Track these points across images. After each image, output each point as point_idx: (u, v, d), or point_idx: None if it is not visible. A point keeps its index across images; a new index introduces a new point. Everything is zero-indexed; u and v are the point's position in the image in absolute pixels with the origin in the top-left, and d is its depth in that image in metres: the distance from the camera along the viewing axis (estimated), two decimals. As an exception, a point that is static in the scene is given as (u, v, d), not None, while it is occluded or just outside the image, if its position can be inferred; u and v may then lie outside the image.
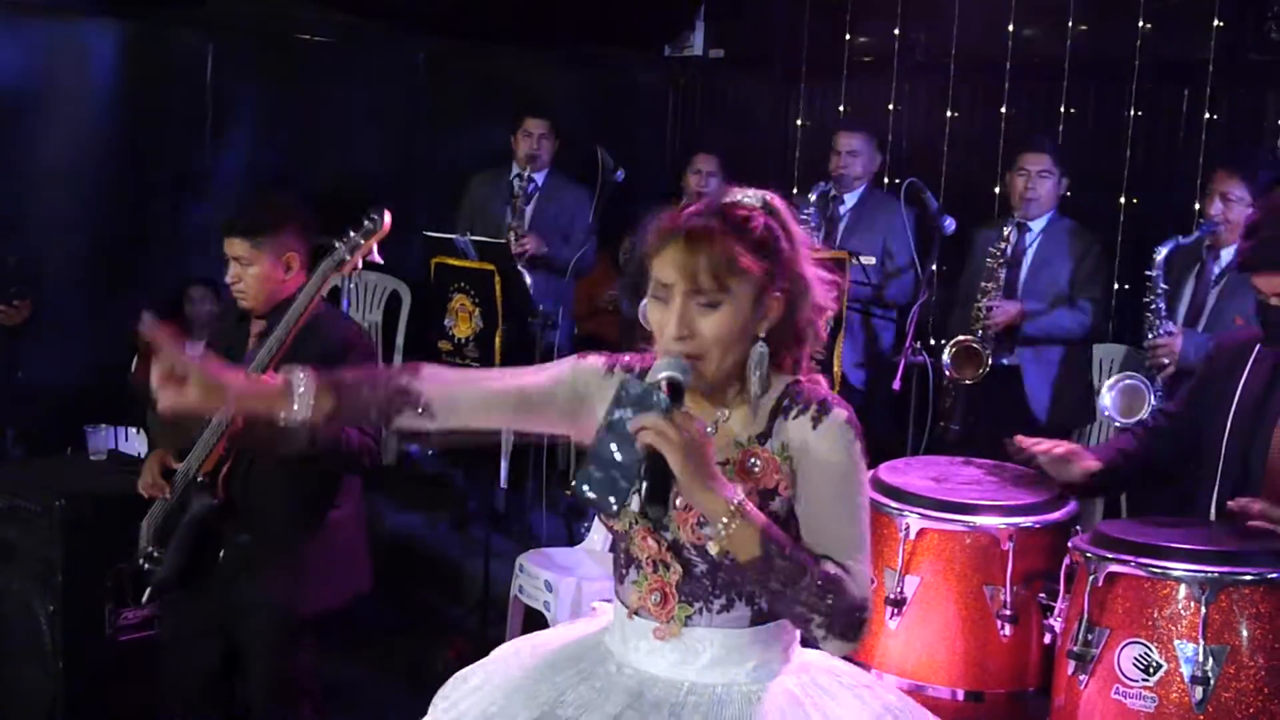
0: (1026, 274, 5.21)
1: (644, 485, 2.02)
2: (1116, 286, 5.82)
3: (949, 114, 6.65)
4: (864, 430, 2.23)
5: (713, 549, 2.09)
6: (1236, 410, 3.32)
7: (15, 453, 4.78)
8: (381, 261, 3.53)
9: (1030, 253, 5.22)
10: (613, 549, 2.39)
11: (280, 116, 6.71)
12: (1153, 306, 4.65)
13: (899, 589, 3.49)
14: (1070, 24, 6.22)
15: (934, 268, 5.22)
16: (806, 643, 2.30)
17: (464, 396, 2.33)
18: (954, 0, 6.55)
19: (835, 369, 4.76)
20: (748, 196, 2.25)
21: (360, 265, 3.49)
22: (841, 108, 7.12)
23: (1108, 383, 4.65)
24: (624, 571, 2.34)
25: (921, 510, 3.50)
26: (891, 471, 3.75)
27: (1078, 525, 3.54)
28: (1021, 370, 5.17)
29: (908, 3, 6.80)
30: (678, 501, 2.15)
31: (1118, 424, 4.60)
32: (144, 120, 6.16)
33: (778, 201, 2.27)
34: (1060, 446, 3.56)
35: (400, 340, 6.97)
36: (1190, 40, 5.88)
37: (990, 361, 4.99)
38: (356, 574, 3.85)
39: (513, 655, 2.45)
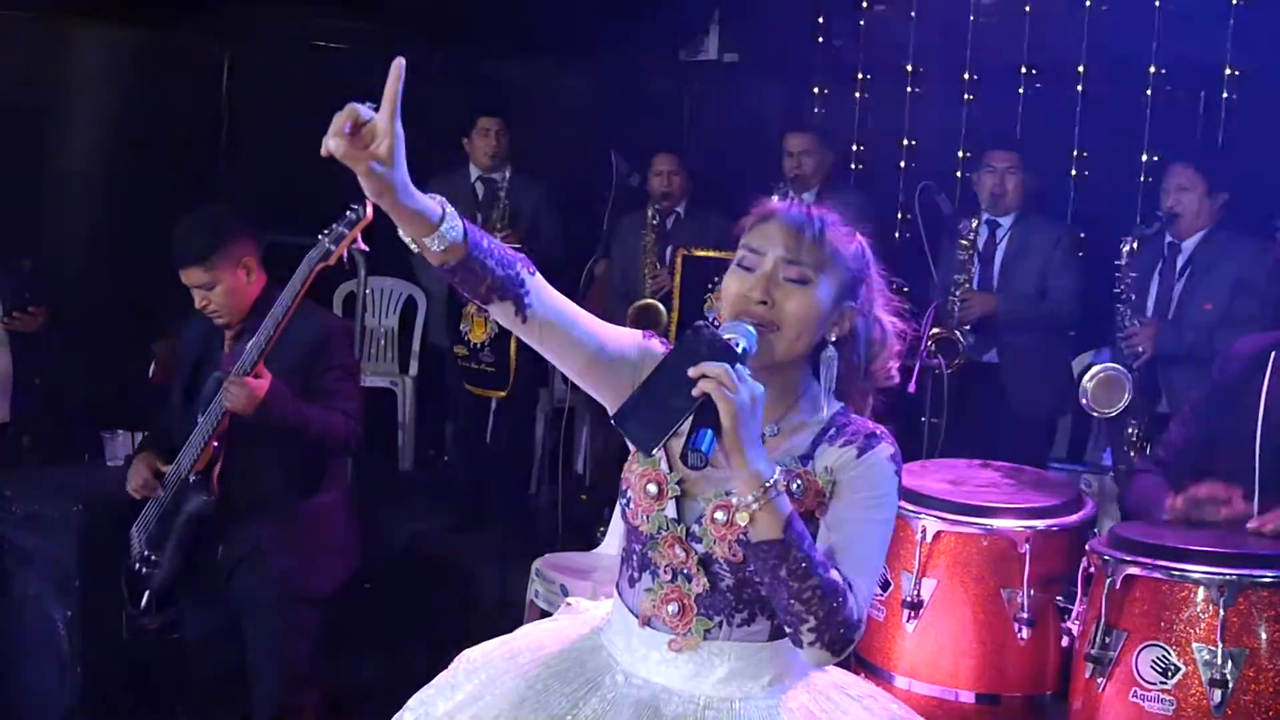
0: (1000, 270, 5.32)
1: (691, 429, 1.95)
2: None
3: (964, 116, 6.64)
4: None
5: (741, 518, 2.01)
6: (1266, 417, 3.28)
7: (33, 459, 4.79)
8: (366, 249, 3.55)
9: (1001, 248, 5.33)
10: (625, 550, 2.32)
11: (295, 124, 6.70)
12: (1124, 297, 4.78)
13: (915, 592, 3.49)
14: (1085, 26, 6.20)
15: (949, 271, 5.22)
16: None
17: (560, 318, 2.16)
18: (966, 4, 6.54)
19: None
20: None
21: (345, 255, 3.52)
22: (857, 111, 7.10)
23: (1087, 374, 4.72)
24: (636, 575, 2.28)
25: (938, 513, 3.50)
26: (908, 474, 3.73)
27: (1095, 528, 3.54)
28: (1000, 364, 5.30)
29: (923, 7, 6.79)
30: (715, 515, 2.14)
31: (1096, 414, 4.69)
32: (160, 128, 6.17)
33: (866, 241, 2.29)
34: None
35: (416, 346, 6.99)
36: (1205, 42, 5.88)
37: (966, 352, 5.08)
38: (348, 556, 3.91)
39: (507, 660, 2.35)
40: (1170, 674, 2.96)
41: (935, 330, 5.04)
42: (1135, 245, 4.80)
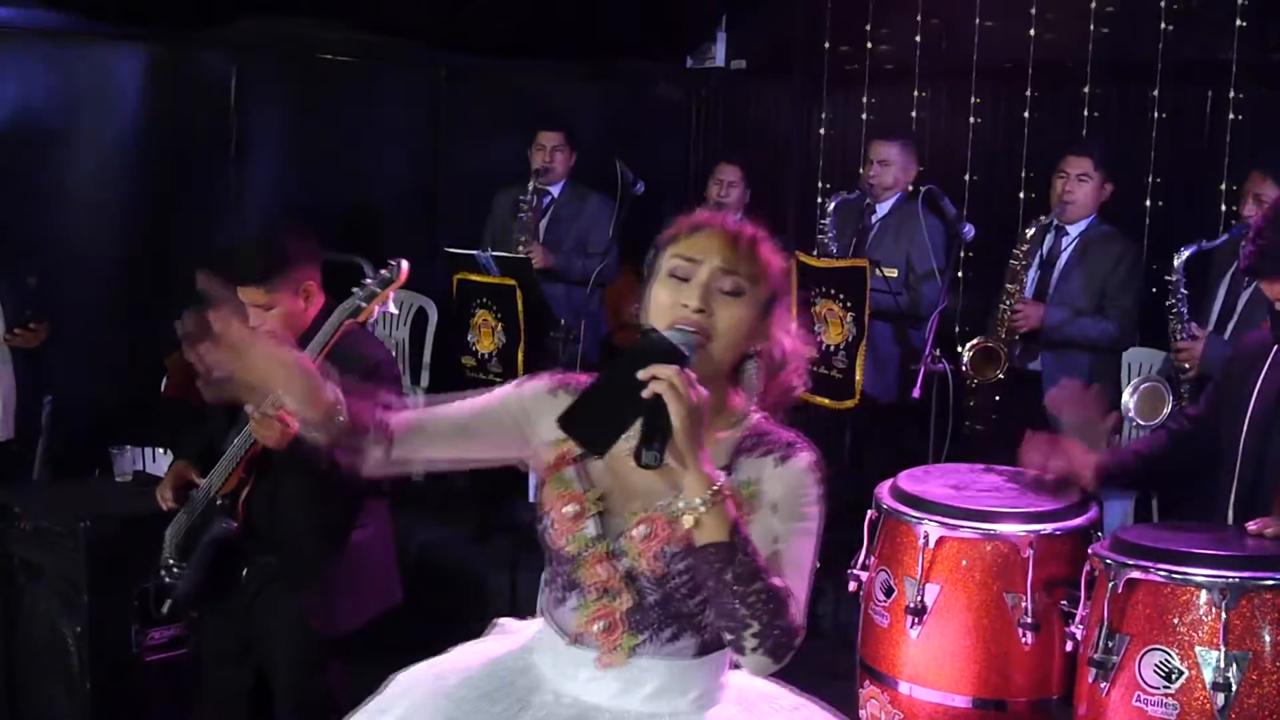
0: (1058, 277, 5.18)
1: (641, 431, 1.96)
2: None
3: (971, 120, 6.63)
4: (826, 472, 2.22)
5: (687, 520, 2.01)
6: (1253, 412, 3.29)
7: (42, 475, 4.81)
8: (395, 311, 3.52)
9: (1064, 256, 5.19)
10: (550, 572, 2.30)
11: (304, 136, 6.75)
12: (1174, 310, 4.63)
13: (919, 598, 3.48)
14: (1092, 28, 6.19)
15: (957, 275, 5.19)
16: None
17: (425, 427, 2.31)
18: (975, 6, 6.53)
19: (857, 378, 4.75)
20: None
21: (375, 313, 3.48)
22: (864, 115, 7.10)
23: (1129, 385, 4.65)
24: (562, 595, 2.26)
25: (941, 518, 3.49)
26: (911, 480, 3.74)
27: (1099, 531, 3.52)
28: (1043, 376, 5.11)
29: (929, 10, 6.78)
30: (636, 530, 2.14)
31: (1139, 425, 4.60)
32: (169, 142, 6.20)
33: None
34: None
35: (427, 357, 6.99)
36: (1212, 41, 5.84)
37: (1009, 363, 4.98)
38: (385, 592, 3.83)
39: (434, 681, 2.33)
40: (1173, 678, 2.95)
41: (979, 340, 4.99)
42: (1191, 257, 4.62)
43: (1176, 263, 4.62)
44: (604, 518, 2.20)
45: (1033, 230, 5.15)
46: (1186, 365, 4.56)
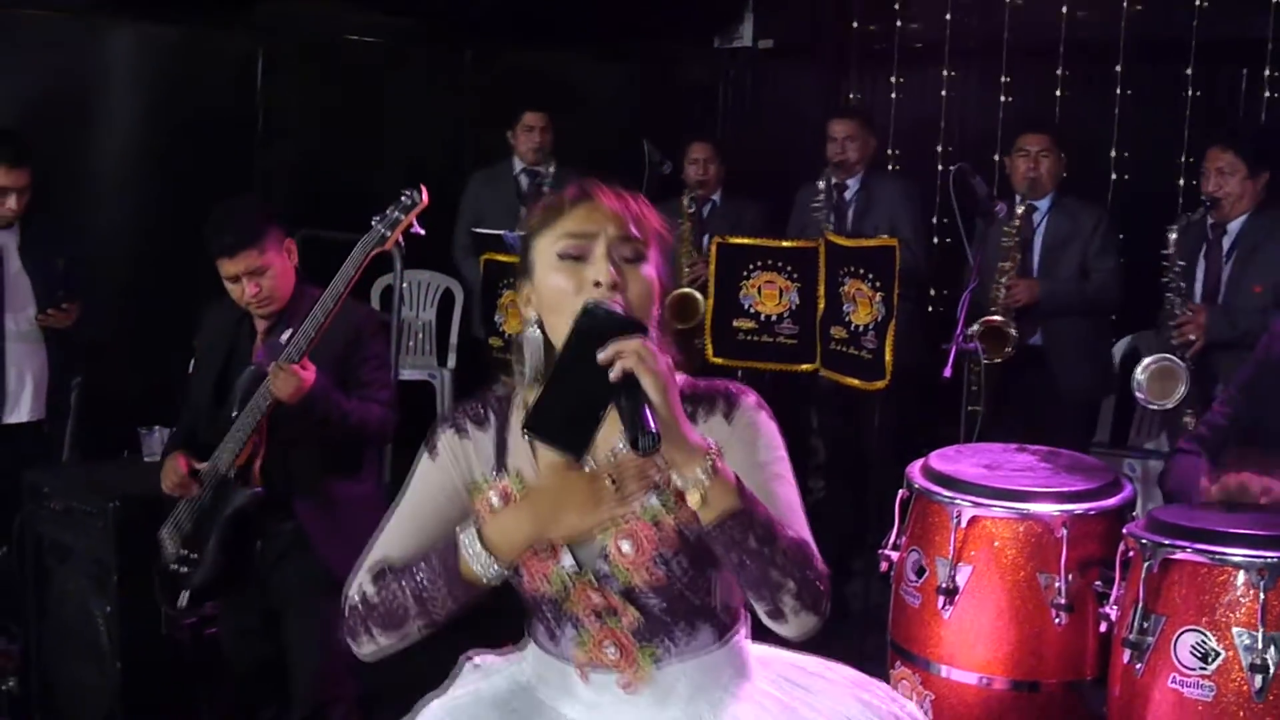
0: (1040, 254, 5.27)
1: (623, 417, 1.79)
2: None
3: (1002, 98, 6.57)
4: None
5: (693, 498, 1.85)
6: None
7: (71, 456, 4.82)
8: (423, 232, 3.52)
9: (1040, 233, 5.29)
10: (531, 607, 2.12)
11: (329, 118, 6.74)
12: (1172, 285, 4.71)
13: (951, 578, 3.44)
14: (1125, 4, 6.13)
15: (984, 254, 5.16)
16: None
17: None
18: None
19: (887, 358, 4.70)
20: None
21: (401, 240, 3.50)
22: (893, 95, 7.05)
23: (1140, 365, 4.65)
24: (555, 630, 2.08)
25: (974, 498, 3.45)
26: (942, 459, 3.71)
27: (1134, 511, 3.48)
28: (1045, 348, 5.24)
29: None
30: (621, 547, 1.97)
31: (1153, 407, 4.61)
32: (194, 124, 6.20)
33: None
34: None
35: (454, 338, 7.00)
36: (1247, 18, 5.78)
37: (1017, 341, 5.01)
38: None
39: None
40: (1210, 659, 2.91)
41: (986, 319, 4.98)
42: (1179, 231, 4.74)
43: (1171, 236, 4.73)
44: (575, 545, 2.01)
45: (1022, 208, 5.22)
46: (1192, 336, 4.64)
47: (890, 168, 6.90)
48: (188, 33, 6.27)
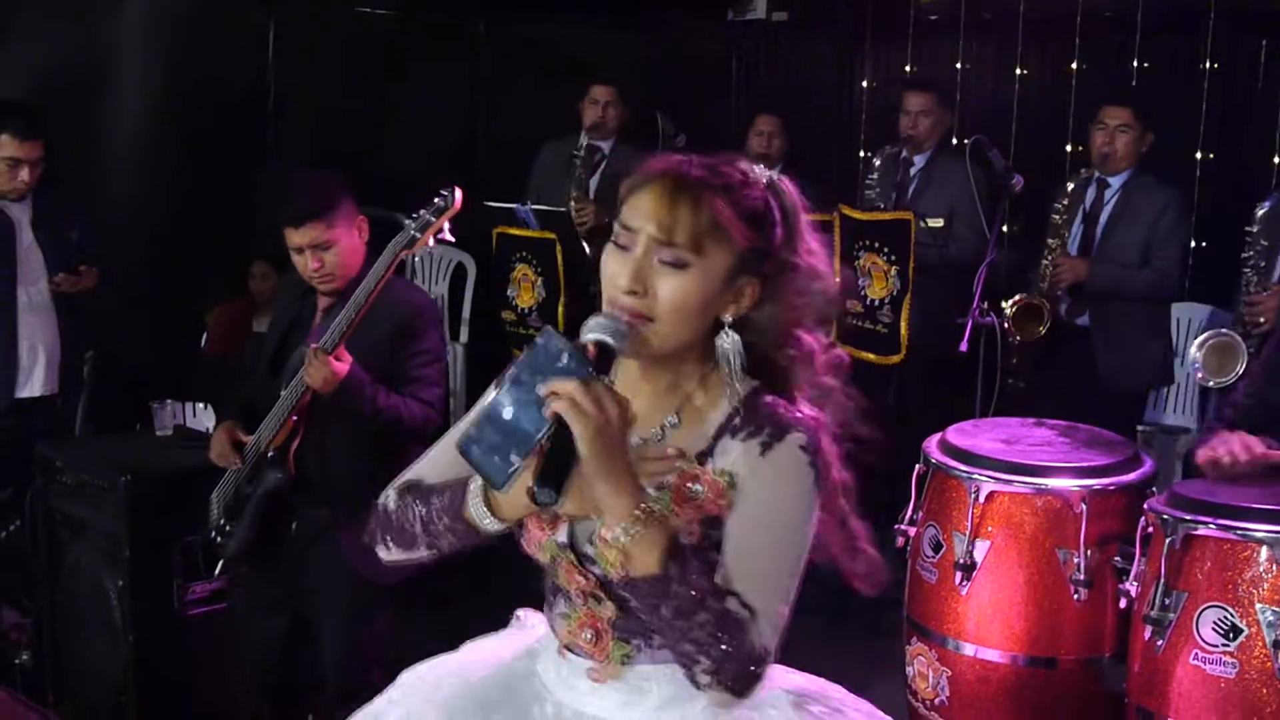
0: (1102, 231, 5.08)
1: (539, 461, 1.71)
2: (1195, 245, 5.68)
3: (1018, 71, 6.51)
4: (824, 458, 1.91)
5: (609, 555, 1.77)
6: None
7: (83, 430, 4.80)
8: (453, 240, 3.48)
9: (1107, 209, 5.08)
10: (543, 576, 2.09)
11: (341, 90, 6.71)
12: (1251, 263, 4.54)
13: (969, 554, 3.42)
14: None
15: (1003, 228, 5.10)
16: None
17: None
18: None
19: (903, 332, 4.68)
20: (756, 169, 1.97)
21: (431, 242, 3.44)
22: (908, 68, 6.99)
23: (1196, 340, 4.53)
24: (553, 600, 2.04)
25: (992, 473, 3.43)
26: (960, 434, 3.68)
27: (1153, 487, 3.45)
28: (1091, 330, 5.04)
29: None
30: (606, 535, 1.84)
31: (1211, 384, 4.48)
32: (206, 97, 6.17)
33: (788, 185, 1.98)
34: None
35: (466, 312, 6.96)
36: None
37: (1050, 319, 4.91)
38: None
39: (434, 690, 2.14)
40: (1233, 636, 2.89)
41: (1021, 297, 4.92)
42: (1269, 209, 4.54)
43: (1258, 214, 4.52)
44: (575, 521, 1.94)
45: (1073, 184, 5.08)
46: (1261, 319, 4.46)
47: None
48: (200, 3, 6.23)
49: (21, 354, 4.54)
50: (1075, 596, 3.34)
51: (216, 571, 3.69)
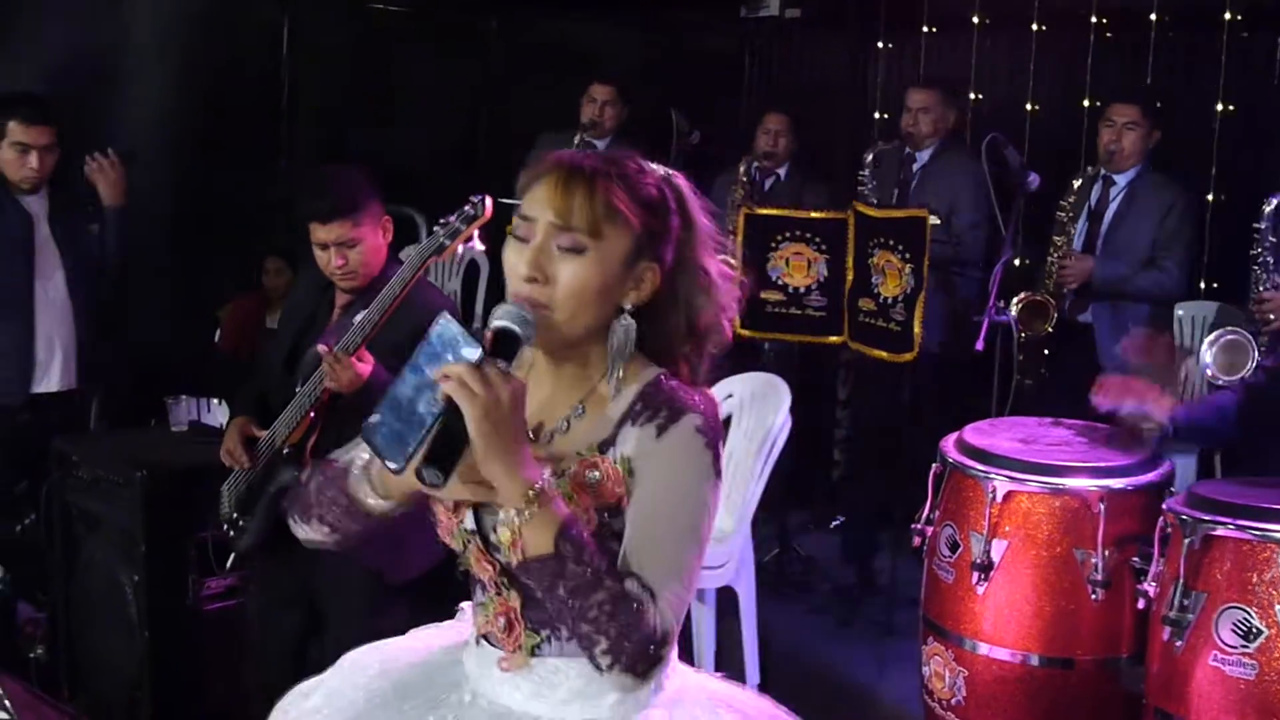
0: (1107, 229, 5.06)
1: (427, 443, 1.72)
2: (1208, 242, 5.66)
3: (1032, 67, 6.49)
4: (722, 437, 1.93)
5: (503, 535, 1.79)
6: None
7: (98, 425, 4.80)
8: (483, 248, 3.46)
9: (1113, 207, 5.07)
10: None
11: (354, 85, 6.71)
12: (1260, 260, 4.50)
13: (986, 553, 3.42)
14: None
15: (1017, 226, 5.08)
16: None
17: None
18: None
19: (916, 330, 4.67)
20: (651, 164, 2.00)
21: (460, 251, 3.43)
22: (921, 64, 6.96)
23: (1208, 339, 4.52)
24: (473, 589, 2.06)
25: (1009, 472, 3.42)
26: (977, 433, 3.67)
27: (1172, 487, 3.44)
28: (1095, 328, 5.02)
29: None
30: (502, 524, 1.85)
31: (1220, 382, 4.48)
32: (219, 92, 6.17)
33: (682, 181, 2.01)
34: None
35: (479, 309, 6.96)
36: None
37: (1057, 316, 4.88)
38: (437, 545, 3.81)
39: (359, 673, 2.16)
40: (1252, 637, 2.88)
41: (1025, 294, 4.90)
42: (1277, 206, 4.49)
43: (1266, 210, 4.48)
44: (481, 509, 1.95)
45: (1079, 181, 5.06)
46: (1272, 316, 4.41)
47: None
48: (214, 1, 6.23)
49: (38, 349, 4.53)
50: (1093, 597, 3.34)
51: (228, 566, 3.68)
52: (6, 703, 3.25)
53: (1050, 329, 4.87)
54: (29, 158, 4.49)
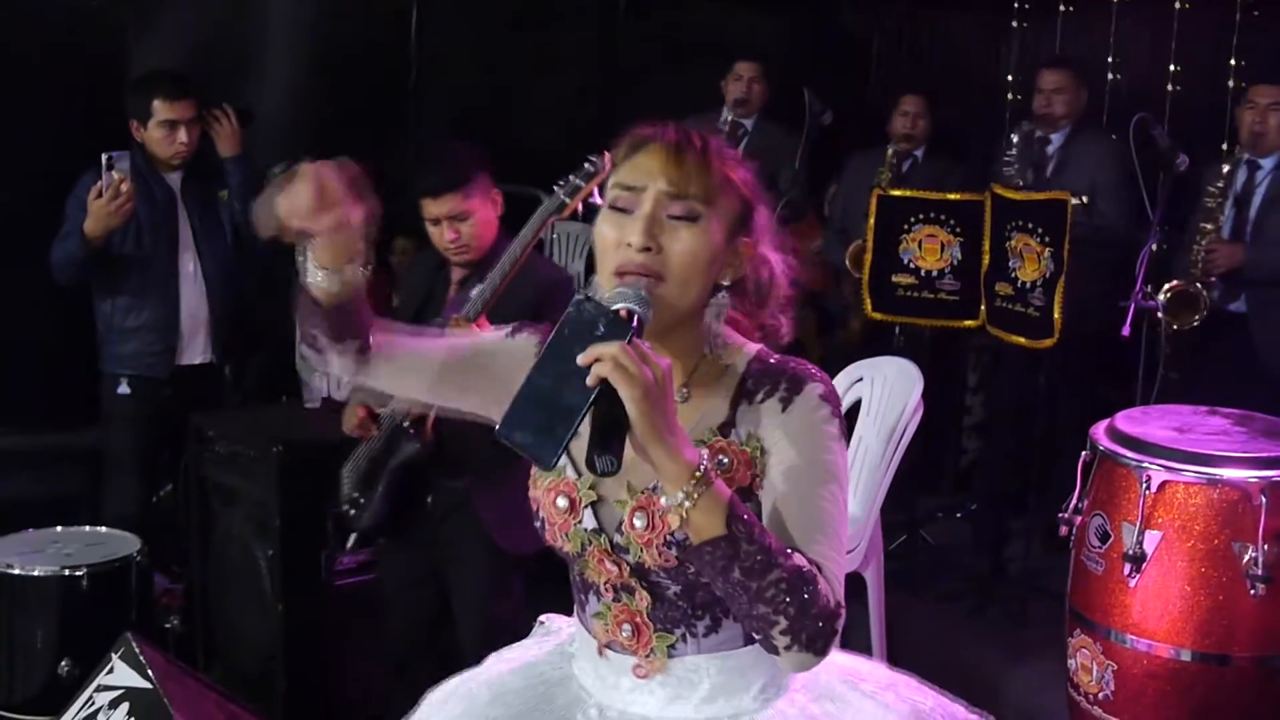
0: (1256, 214, 4.88)
1: (592, 428, 1.64)
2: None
3: (1173, 46, 6.29)
4: (840, 408, 1.89)
5: (672, 519, 1.70)
6: None
7: (233, 399, 4.86)
8: (601, 202, 3.44)
9: (1260, 191, 4.89)
10: (570, 573, 2.03)
11: (482, 65, 6.72)
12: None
13: (1138, 545, 3.31)
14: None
15: (1164, 209, 4.92)
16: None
17: (397, 358, 2.01)
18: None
19: (1056, 315, 4.54)
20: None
21: (580, 209, 3.42)
22: (1057, 45, 6.80)
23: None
24: (583, 598, 1.98)
25: (1164, 461, 3.31)
26: (1129, 421, 3.56)
27: (1336, 479, 3.30)
28: (1248, 317, 4.84)
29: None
30: (634, 521, 1.82)
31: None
32: (348, 77, 6.22)
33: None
34: None
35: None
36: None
37: (1207, 307, 4.72)
38: None
39: (470, 702, 2.08)
40: None
41: (1176, 283, 4.76)
42: None
43: None
44: (599, 507, 1.89)
45: (1227, 166, 4.90)
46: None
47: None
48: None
49: (184, 323, 4.59)
50: (1252, 592, 3.22)
51: (349, 545, 3.70)
52: (150, 671, 3.31)
53: (1199, 320, 4.71)
54: (177, 133, 4.55)
